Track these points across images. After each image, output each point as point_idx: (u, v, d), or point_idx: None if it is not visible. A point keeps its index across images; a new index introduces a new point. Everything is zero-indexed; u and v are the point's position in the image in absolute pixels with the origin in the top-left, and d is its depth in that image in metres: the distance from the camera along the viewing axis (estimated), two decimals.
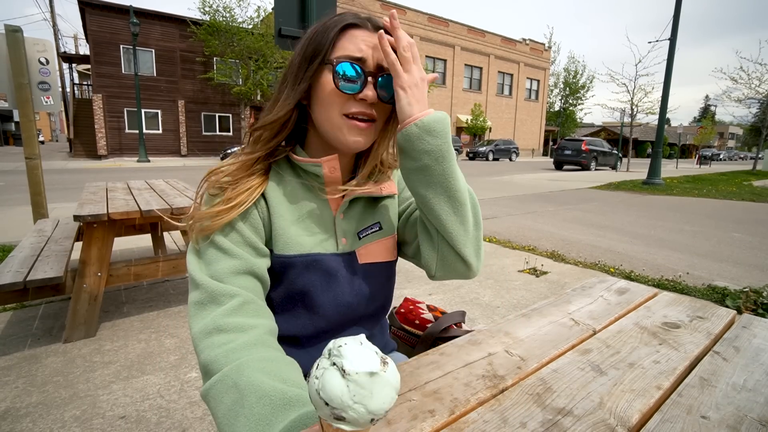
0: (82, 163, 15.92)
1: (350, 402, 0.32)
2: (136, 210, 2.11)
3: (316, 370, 0.33)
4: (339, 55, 0.65)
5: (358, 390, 0.32)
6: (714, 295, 2.87)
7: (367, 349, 0.34)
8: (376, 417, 0.33)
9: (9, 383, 1.74)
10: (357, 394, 0.32)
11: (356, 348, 0.33)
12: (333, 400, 0.32)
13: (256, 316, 0.60)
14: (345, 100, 0.66)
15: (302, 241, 0.70)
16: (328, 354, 0.34)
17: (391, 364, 0.34)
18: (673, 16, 10.24)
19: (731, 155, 53.16)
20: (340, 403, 0.32)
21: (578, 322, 0.82)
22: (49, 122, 52.61)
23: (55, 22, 21.41)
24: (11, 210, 5.58)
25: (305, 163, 0.71)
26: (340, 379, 0.32)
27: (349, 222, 0.75)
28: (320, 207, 0.73)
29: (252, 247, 0.66)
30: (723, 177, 15.46)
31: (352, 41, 0.66)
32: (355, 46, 0.65)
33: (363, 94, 0.65)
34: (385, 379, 0.33)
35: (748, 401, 0.57)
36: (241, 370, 0.50)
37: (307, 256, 0.70)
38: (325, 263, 0.71)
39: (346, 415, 0.32)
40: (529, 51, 32.65)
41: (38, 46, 3.33)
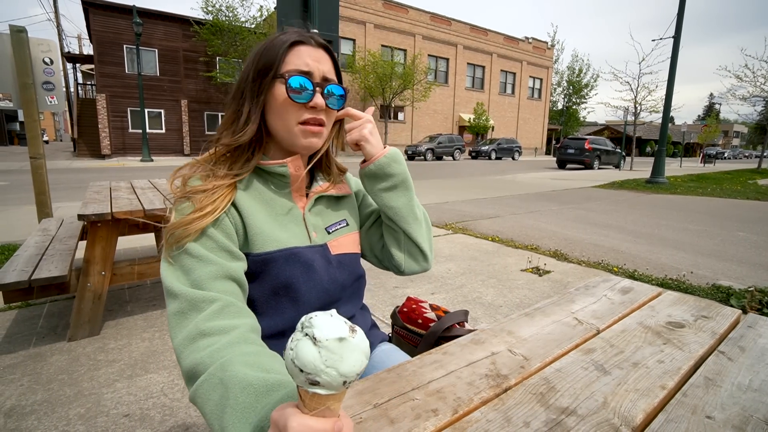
0: (85, 162, 15.99)
1: (323, 366, 0.34)
2: (140, 209, 2.12)
3: (290, 343, 0.36)
4: (289, 70, 0.72)
5: (329, 355, 0.34)
6: (719, 295, 2.85)
7: (337, 319, 0.37)
8: (348, 380, 0.35)
9: (14, 381, 1.76)
10: (328, 358, 0.34)
11: (326, 318, 0.36)
12: (306, 366, 0.34)
13: (237, 317, 0.61)
14: (298, 109, 0.74)
15: (278, 236, 0.75)
16: (300, 327, 0.36)
17: (360, 332, 0.37)
18: (677, 14, 10.18)
19: (736, 154, 52.85)
20: (314, 368, 0.34)
21: (582, 322, 0.81)
22: (53, 122, 52.87)
23: (59, 22, 21.50)
24: (16, 209, 5.61)
25: (271, 166, 0.77)
26: (312, 347, 0.35)
27: (316, 217, 0.83)
28: (289, 204, 0.80)
29: (227, 252, 0.67)
30: (727, 176, 15.37)
31: (299, 57, 0.74)
32: (302, 61, 0.73)
33: (313, 102, 0.73)
34: (354, 344, 0.36)
35: (753, 401, 0.57)
36: (225, 367, 0.51)
37: (285, 250, 0.75)
38: (302, 255, 0.77)
39: (320, 380, 0.34)
40: (531, 49, 32.54)
41: (42, 47, 3.35)
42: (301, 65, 0.73)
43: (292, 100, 0.72)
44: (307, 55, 0.74)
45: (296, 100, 0.72)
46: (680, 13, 10.11)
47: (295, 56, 0.74)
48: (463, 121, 28.31)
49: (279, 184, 0.79)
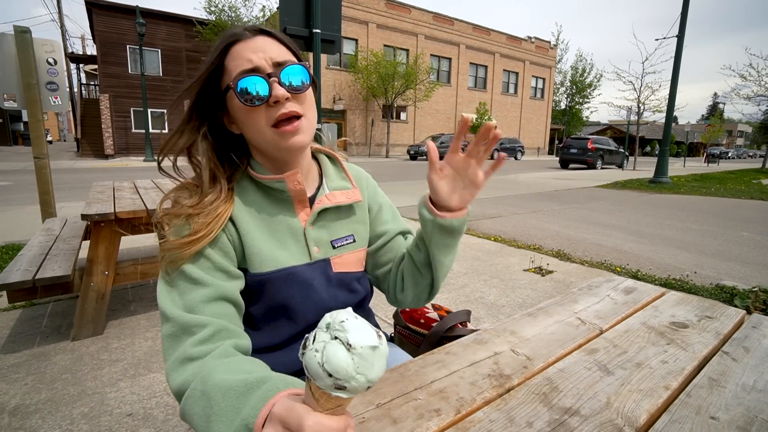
0: (89, 162, 16.06)
1: (354, 373, 0.34)
2: (143, 209, 2.13)
3: (315, 343, 0.35)
4: (235, 75, 0.65)
5: (362, 362, 0.34)
6: (722, 295, 2.84)
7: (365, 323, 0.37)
8: (372, 384, 0.36)
9: (19, 380, 1.76)
10: (360, 365, 0.34)
11: (356, 323, 0.36)
12: (338, 372, 0.34)
13: (227, 340, 0.61)
14: (263, 113, 0.66)
15: (276, 256, 0.71)
16: (326, 327, 0.36)
17: (383, 337, 0.37)
18: (680, 13, 10.13)
19: (740, 153, 52.59)
20: (345, 374, 0.34)
21: (585, 322, 0.81)
22: (57, 122, 53.11)
23: (63, 22, 21.59)
24: (20, 209, 5.64)
25: (268, 181, 0.71)
26: (345, 353, 0.34)
27: (319, 231, 0.76)
28: (289, 219, 0.74)
29: (223, 272, 0.65)
30: (731, 175, 15.29)
31: (237, 58, 0.66)
32: (243, 59, 0.65)
33: (273, 96, 0.64)
34: (382, 351, 0.36)
35: (758, 402, 0.57)
36: (206, 379, 0.51)
37: (282, 270, 0.71)
38: (300, 275, 0.73)
39: (348, 385, 0.34)
40: (534, 49, 32.46)
41: (46, 47, 3.36)
42: (243, 64, 0.65)
43: (250, 106, 0.65)
44: (245, 51, 0.66)
45: (255, 103, 0.64)
46: (684, 12, 10.06)
47: (233, 59, 0.66)
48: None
49: (279, 197, 0.74)
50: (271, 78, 0.65)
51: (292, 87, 0.66)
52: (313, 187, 0.79)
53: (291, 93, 0.66)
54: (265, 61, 0.65)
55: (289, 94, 0.65)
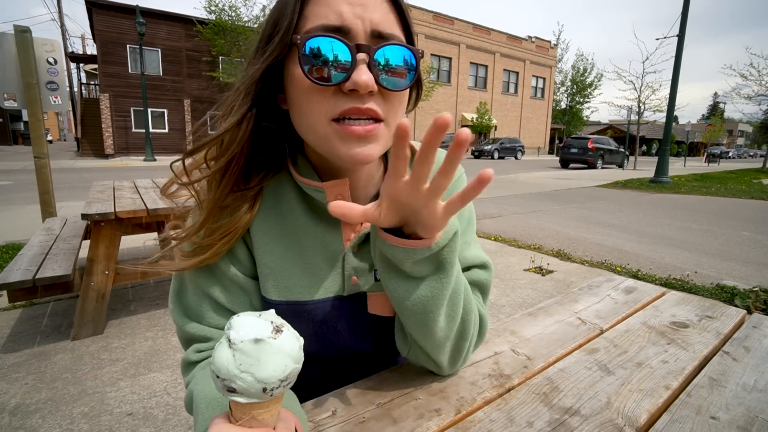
0: (89, 162, 16.06)
1: (236, 371, 0.31)
2: (143, 208, 2.13)
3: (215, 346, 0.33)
4: (309, 28, 0.45)
5: (244, 358, 0.31)
6: (723, 295, 2.84)
7: (261, 319, 0.33)
8: (269, 386, 0.31)
9: (19, 379, 1.77)
10: (243, 362, 0.31)
11: (248, 318, 0.32)
12: (220, 371, 0.31)
13: None
14: (328, 97, 0.46)
15: (294, 282, 0.56)
16: (227, 326, 0.33)
17: (288, 333, 0.33)
18: (681, 13, 10.12)
19: (741, 153, 52.55)
20: (227, 372, 0.31)
21: (585, 321, 0.81)
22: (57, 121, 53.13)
23: (63, 22, 21.60)
24: (20, 209, 5.64)
25: (306, 186, 0.55)
26: (227, 350, 0.31)
27: (363, 257, 0.58)
28: (328, 237, 0.57)
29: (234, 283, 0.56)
30: (732, 175, 15.29)
31: (325, 2, 0.45)
32: (332, 10, 0.44)
33: (352, 82, 0.44)
34: (275, 346, 0.32)
35: (758, 402, 0.57)
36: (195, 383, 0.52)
37: (296, 304, 0.56)
38: (320, 311, 0.57)
39: (235, 386, 0.31)
40: (534, 49, 32.45)
41: (47, 47, 3.36)
42: (328, 17, 0.44)
43: (312, 81, 0.44)
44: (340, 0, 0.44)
45: (320, 81, 0.44)
46: (684, 11, 10.06)
47: (319, 3, 0.45)
48: (466, 120, 28.26)
49: (320, 206, 0.57)
50: (360, 53, 0.44)
51: (385, 78, 0.46)
52: (371, 194, 0.59)
53: (380, 87, 0.46)
54: (361, 23, 0.45)
55: (376, 86, 0.45)
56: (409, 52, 0.47)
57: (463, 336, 0.55)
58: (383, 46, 0.45)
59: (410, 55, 0.47)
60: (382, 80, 0.46)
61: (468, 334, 0.56)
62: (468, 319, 0.55)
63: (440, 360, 0.56)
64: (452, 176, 0.39)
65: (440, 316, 0.50)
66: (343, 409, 0.54)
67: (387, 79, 0.46)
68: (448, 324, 0.52)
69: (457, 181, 0.66)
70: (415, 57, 0.47)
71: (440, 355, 0.55)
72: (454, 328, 0.53)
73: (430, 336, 0.52)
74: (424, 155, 0.37)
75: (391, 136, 0.50)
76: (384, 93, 0.47)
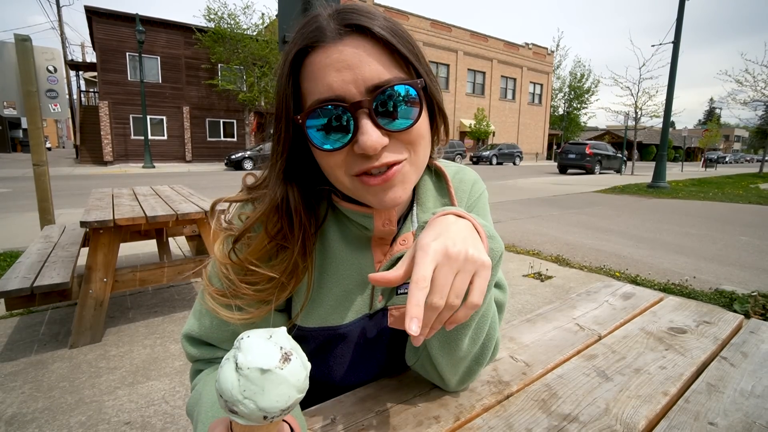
0: (88, 169, 16.06)
1: (240, 396, 0.31)
2: (142, 216, 2.13)
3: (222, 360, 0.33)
4: (308, 105, 0.47)
5: (248, 385, 0.31)
6: (721, 300, 2.84)
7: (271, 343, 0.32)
8: (269, 415, 0.32)
9: (15, 388, 1.75)
10: (247, 389, 0.31)
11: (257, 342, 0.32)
12: (224, 393, 0.31)
13: None
14: (343, 158, 0.48)
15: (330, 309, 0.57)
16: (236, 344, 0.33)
17: (296, 362, 0.33)
18: (676, 19, 10.23)
19: (737, 158, 52.85)
20: (230, 396, 0.31)
21: (583, 328, 0.81)
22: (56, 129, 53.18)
23: (63, 30, 21.70)
24: (19, 216, 5.63)
25: (351, 211, 0.55)
26: (233, 373, 0.31)
27: None
28: (360, 260, 0.58)
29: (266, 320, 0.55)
30: (729, 180, 15.35)
31: (314, 77, 0.46)
32: (322, 82, 0.45)
33: (360, 147, 0.45)
34: (281, 377, 0.31)
35: (756, 407, 0.57)
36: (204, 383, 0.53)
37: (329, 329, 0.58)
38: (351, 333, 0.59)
39: (237, 409, 0.31)
40: (532, 55, 32.68)
41: (46, 55, 3.38)
42: (321, 91, 0.45)
43: (323, 151, 0.48)
44: (326, 66, 0.45)
45: (329, 150, 0.47)
46: (679, 18, 10.16)
47: (309, 79, 0.46)
48: (464, 126, 28.37)
49: (357, 231, 0.58)
50: (360, 110, 0.45)
51: (392, 122, 0.46)
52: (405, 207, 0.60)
53: (391, 134, 0.46)
54: (354, 87, 0.44)
55: (385, 141, 0.46)
56: (408, 88, 0.46)
57: (479, 360, 0.57)
58: (378, 94, 0.45)
59: (409, 90, 0.46)
60: (390, 126, 0.46)
61: (484, 359, 0.57)
62: (488, 345, 0.56)
63: (449, 378, 0.57)
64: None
65: (465, 337, 0.52)
66: (342, 417, 0.54)
67: (394, 123, 0.46)
68: (469, 346, 0.53)
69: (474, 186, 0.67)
70: (416, 89, 0.47)
71: (452, 375, 0.56)
72: (473, 350, 0.54)
73: (448, 355, 0.53)
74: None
75: (419, 166, 0.51)
76: (397, 135, 0.47)
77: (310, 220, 0.54)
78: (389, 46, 0.46)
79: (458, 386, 0.59)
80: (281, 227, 0.51)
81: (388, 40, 0.46)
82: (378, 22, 0.46)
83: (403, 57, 0.47)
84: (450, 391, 0.60)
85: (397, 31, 0.48)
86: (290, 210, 0.51)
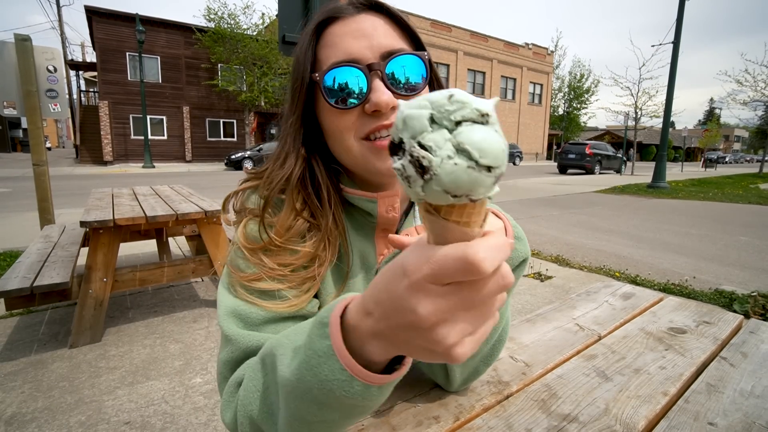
0: (88, 169, 16.06)
1: (505, 150, 0.23)
2: (142, 216, 2.13)
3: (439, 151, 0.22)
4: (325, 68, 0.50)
5: (500, 131, 0.23)
6: (721, 300, 2.84)
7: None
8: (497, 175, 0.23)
9: (15, 388, 1.75)
10: (502, 136, 0.23)
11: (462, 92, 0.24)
12: (498, 158, 0.22)
13: None
14: (354, 120, 0.50)
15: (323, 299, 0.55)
16: (430, 120, 0.23)
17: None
18: (676, 20, 10.23)
19: (737, 158, 52.90)
20: (503, 157, 0.23)
21: (583, 328, 0.81)
22: (56, 128, 53.18)
23: (63, 30, 21.70)
24: (19, 216, 5.63)
25: (355, 197, 0.56)
26: (490, 131, 0.23)
27: None
28: (364, 250, 0.58)
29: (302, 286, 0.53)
30: (729, 180, 15.35)
31: (333, 43, 0.51)
32: (340, 47, 0.50)
33: (373, 104, 0.48)
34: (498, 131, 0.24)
35: (756, 408, 0.57)
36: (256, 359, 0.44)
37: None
38: None
39: (503, 170, 0.23)
40: (531, 55, 32.69)
41: (47, 54, 3.38)
42: (339, 54, 0.50)
43: (336, 108, 0.50)
44: (345, 33, 0.50)
45: (343, 106, 0.49)
46: (679, 18, 10.16)
47: (328, 46, 0.51)
48: None
49: (362, 220, 0.58)
50: (373, 71, 0.49)
51: (401, 87, 0.50)
52: (402, 208, 0.60)
53: (399, 95, 0.50)
54: (369, 50, 0.49)
55: (395, 100, 0.48)
56: (415, 58, 0.51)
57: (487, 361, 0.57)
58: (392, 59, 0.49)
59: (417, 60, 0.51)
60: (399, 89, 0.50)
61: (492, 359, 0.57)
62: (498, 347, 0.56)
63: (455, 377, 0.56)
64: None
65: None
66: None
67: (403, 87, 0.50)
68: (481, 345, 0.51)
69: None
70: (423, 60, 0.51)
71: (459, 373, 0.56)
72: (484, 350, 0.54)
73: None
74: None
75: None
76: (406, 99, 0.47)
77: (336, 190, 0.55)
78: (400, 24, 0.53)
79: (461, 386, 0.59)
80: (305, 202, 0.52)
81: (399, 18, 0.53)
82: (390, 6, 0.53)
83: (411, 34, 0.54)
84: (451, 391, 0.60)
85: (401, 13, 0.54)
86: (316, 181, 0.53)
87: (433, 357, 0.28)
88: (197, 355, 2.06)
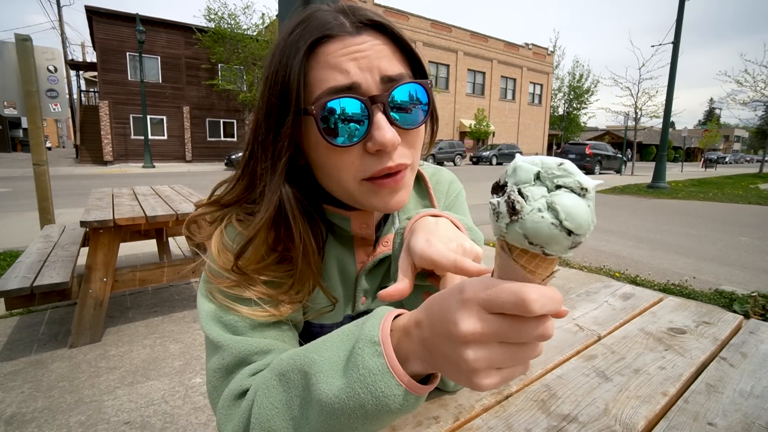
0: (88, 168, 16.06)
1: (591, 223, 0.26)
2: (142, 216, 2.13)
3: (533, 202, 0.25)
4: (319, 94, 0.44)
5: (593, 207, 0.26)
6: (721, 300, 2.84)
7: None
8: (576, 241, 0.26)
9: (15, 388, 1.75)
10: (593, 212, 0.26)
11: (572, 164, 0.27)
12: (581, 227, 0.25)
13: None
14: (354, 158, 0.46)
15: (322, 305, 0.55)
16: (536, 178, 0.26)
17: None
18: (676, 20, 10.23)
19: (737, 158, 52.91)
20: (587, 226, 0.25)
21: (583, 328, 0.81)
22: (56, 128, 53.19)
23: (63, 30, 21.70)
24: (19, 216, 5.63)
25: (330, 213, 0.55)
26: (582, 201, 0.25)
27: (373, 279, 0.60)
28: (343, 260, 0.57)
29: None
30: (729, 180, 15.35)
31: (325, 66, 0.44)
32: (338, 71, 0.44)
33: (377, 143, 0.44)
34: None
35: (755, 408, 0.57)
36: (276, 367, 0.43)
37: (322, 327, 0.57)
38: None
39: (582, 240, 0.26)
40: (531, 56, 32.69)
41: (47, 54, 3.38)
42: (337, 78, 0.44)
43: (335, 145, 0.45)
44: (339, 56, 0.44)
45: (342, 144, 0.44)
46: (679, 18, 10.16)
47: (324, 67, 0.44)
48: (464, 126, 28.38)
49: (339, 232, 0.57)
50: (376, 104, 0.44)
51: (405, 118, 0.46)
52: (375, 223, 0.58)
53: (403, 129, 0.46)
54: (370, 75, 0.44)
55: (398, 137, 0.45)
56: (419, 87, 0.47)
57: None
58: (394, 89, 0.45)
59: (420, 89, 0.47)
60: (401, 123, 0.46)
61: None
62: None
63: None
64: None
65: None
66: None
67: (405, 120, 0.46)
68: None
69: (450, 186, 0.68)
70: (426, 90, 0.48)
71: None
72: None
73: None
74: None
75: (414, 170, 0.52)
76: (404, 135, 0.47)
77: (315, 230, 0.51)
78: (401, 46, 0.48)
79: (457, 386, 0.59)
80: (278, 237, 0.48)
81: (402, 39, 0.48)
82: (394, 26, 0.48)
83: (412, 58, 0.49)
84: (449, 391, 0.60)
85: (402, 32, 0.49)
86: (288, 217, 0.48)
87: (459, 376, 0.30)
88: (197, 355, 2.06)
